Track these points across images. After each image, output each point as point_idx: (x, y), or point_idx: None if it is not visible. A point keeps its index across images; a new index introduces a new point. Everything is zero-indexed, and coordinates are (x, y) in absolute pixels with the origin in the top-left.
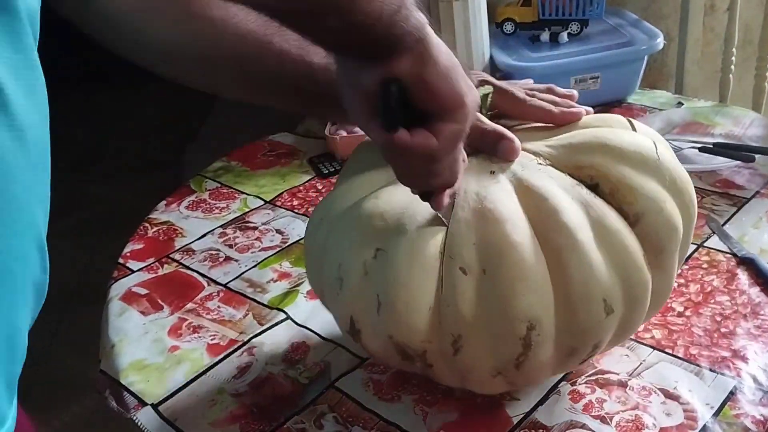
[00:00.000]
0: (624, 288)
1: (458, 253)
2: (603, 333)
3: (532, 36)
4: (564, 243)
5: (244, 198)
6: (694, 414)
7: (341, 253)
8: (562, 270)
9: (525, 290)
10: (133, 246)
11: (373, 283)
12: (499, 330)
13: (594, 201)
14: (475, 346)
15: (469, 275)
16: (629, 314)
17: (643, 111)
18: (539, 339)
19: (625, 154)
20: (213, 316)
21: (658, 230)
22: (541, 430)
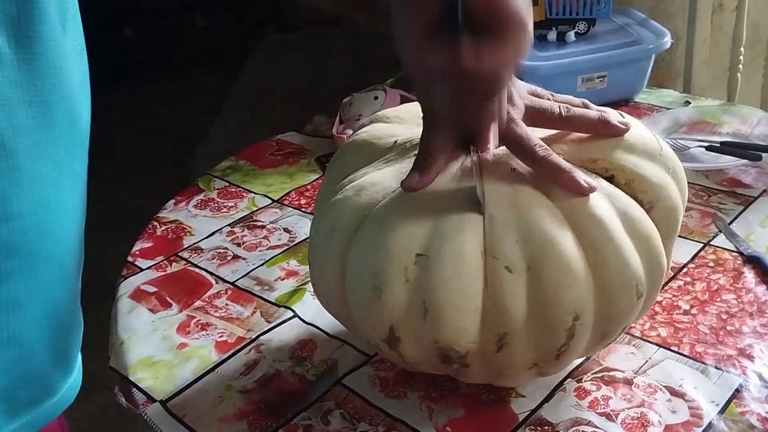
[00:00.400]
0: (649, 272)
1: (501, 252)
2: (633, 316)
3: (539, 35)
4: (599, 235)
5: (252, 197)
6: (699, 411)
7: (375, 263)
8: (599, 261)
9: (571, 284)
10: (142, 244)
11: (417, 289)
12: (546, 324)
13: (615, 192)
14: (520, 341)
15: (514, 273)
16: (650, 296)
17: (651, 110)
18: (582, 328)
19: (633, 146)
20: (221, 314)
21: (669, 215)
22: (547, 427)
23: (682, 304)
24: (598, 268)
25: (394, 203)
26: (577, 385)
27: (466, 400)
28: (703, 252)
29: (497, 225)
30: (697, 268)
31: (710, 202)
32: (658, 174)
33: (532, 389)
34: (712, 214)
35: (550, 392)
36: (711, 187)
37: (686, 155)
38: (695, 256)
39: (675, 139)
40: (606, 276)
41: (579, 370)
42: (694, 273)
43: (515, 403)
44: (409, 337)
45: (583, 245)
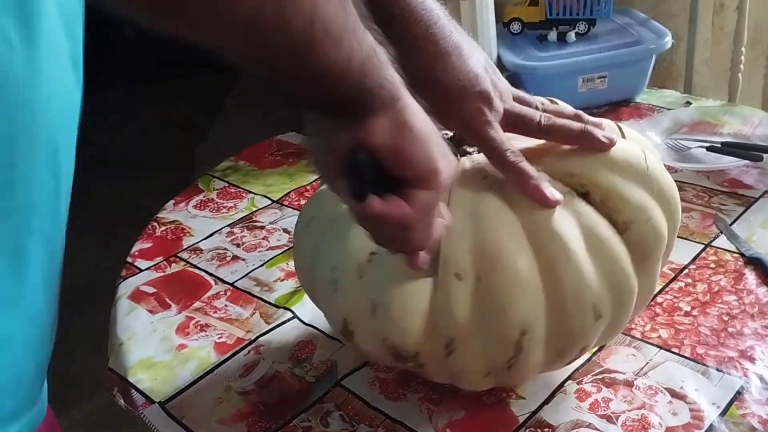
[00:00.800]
0: (612, 294)
1: (453, 258)
2: (591, 336)
3: (540, 35)
4: (557, 252)
5: (251, 197)
6: (700, 413)
7: (336, 256)
8: (554, 278)
9: (519, 297)
10: (141, 245)
11: (368, 287)
12: (492, 335)
13: (585, 209)
14: (468, 349)
15: (463, 281)
16: (616, 317)
17: (651, 110)
18: (531, 343)
19: (615, 163)
20: (220, 315)
21: (646, 238)
22: (547, 429)
23: (683, 305)
24: (553, 285)
25: None
26: (577, 387)
27: (466, 401)
28: (704, 253)
29: (453, 231)
30: (698, 270)
31: (711, 203)
32: (638, 194)
33: (532, 391)
34: (713, 215)
35: (551, 394)
36: (712, 188)
37: (687, 156)
38: (696, 257)
39: (676, 140)
40: (560, 294)
41: (579, 372)
42: (695, 274)
43: (515, 404)
44: (362, 331)
45: (539, 261)
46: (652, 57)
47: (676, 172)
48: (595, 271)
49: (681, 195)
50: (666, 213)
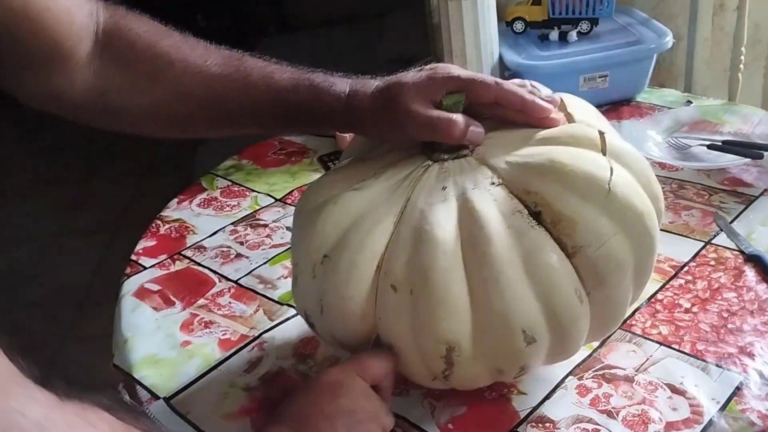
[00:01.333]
0: (550, 320)
1: (392, 269)
2: (526, 359)
3: (541, 35)
4: (488, 275)
5: (254, 196)
6: (700, 409)
7: (298, 253)
8: (483, 300)
9: (444, 315)
10: (146, 243)
11: (318, 287)
12: (423, 347)
13: (530, 231)
14: (408, 356)
15: (398, 293)
16: (559, 342)
17: (652, 109)
18: (460, 359)
19: (573, 183)
20: (224, 312)
21: (597, 263)
22: (548, 424)
23: (683, 302)
24: (481, 306)
25: (334, 201)
26: (578, 382)
27: (468, 397)
28: (704, 251)
29: (397, 242)
30: (698, 267)
31: (711, 201)
32: (594, 218)
33: (533, 387)
34: (713, 213)
35: (552, 389)
36: (712, 186)
37: (688, 154)
38: (696, 254)
39: (676, 138)
40: (487, 316)
41: (580, 367)
42: (695, 271)
43: (517, 400)
44: (318, 324)
45: (471, 280)
46: (653, 56)
47: (677, 170)
48: (529, 296)
49: (682, 193)
50: (630, 237)
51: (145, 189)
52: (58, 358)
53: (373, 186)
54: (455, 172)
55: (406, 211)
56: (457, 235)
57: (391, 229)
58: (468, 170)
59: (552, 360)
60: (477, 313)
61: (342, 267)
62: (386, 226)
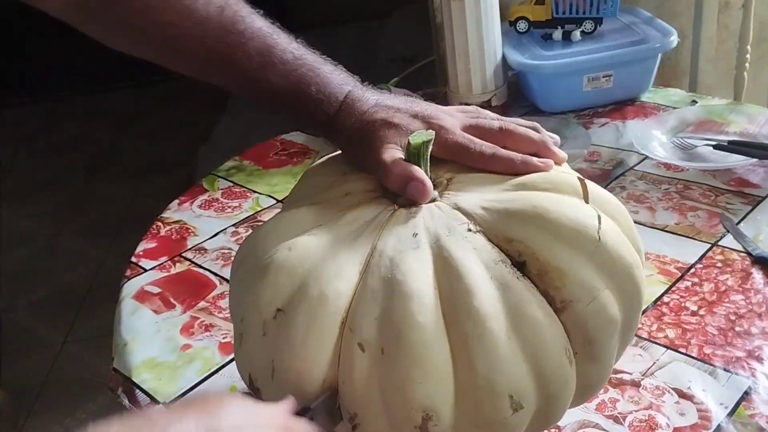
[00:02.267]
0: (539, 383)
1: (359, 326)
2: (510, 428)
3: (545, 34)
4: (471, 331)
5: (256, 197)
6: (708, 414)
7: (245, 307)
8: (466, 359)
9: (422, 377)
10: (146, 245)
11: (270, 346)
12: (394, 416)
13: (515, 283)
14: (373, 425)
15: (367, 352)
16: (546, 409)
17: (657, 109)
18: (437, 429)
19: (560, 232)
20: (225, 315)
21: (587, 320)
22: (554, 430)
23: (689, 305)
24: (463, 368)
25: (288, 248)
26: None
27: None
28: (710, 252)
29: (365, 295)
30: (704, 269)
31: (717, 202)
32: (584, 270)
33: None
34: (720, 214)
35: None
36: (718, 186)
37: (693, 154)
38: (703, 256)
39: (682, 138)
40: (470, 379)
41: None
42: (702, 273)
43: None
44: (266, 390)
45: (452, 338)
46: (658, 56)
47: (683, 170)
48: (516, 356)
49: (687, 194)
50: (619, 292)
51: (146, 190)
52: (59, 359)
53: (332, 230)
54: (425, 218)
55: (372, 259)
56: (434, 287)
57: (356, 280)
58: (439, 216)
59: (532, 429)
60: (459, 375)
61: (300, 322)
62: (350, 275)
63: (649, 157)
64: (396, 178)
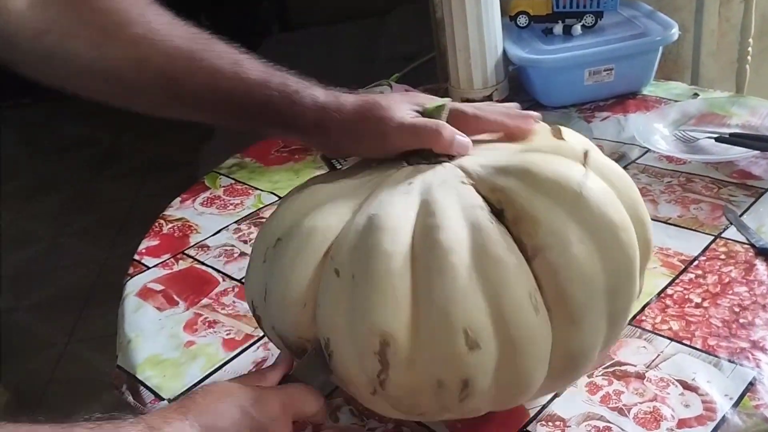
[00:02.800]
0: (497, 324)
1: (338, 253)
2: (468, 368)
3: (545, 29)
4: (432, 263)
5: (258, 194)
6: (713, 405)
7: (257, 239)
8: (425, 290)
9: (382, 302)
10: (149, 242)
11: (266, 272)
12: (358, 340)
13: (487, 226)
14: (344, 353)
15: (340, 278)
16: (510, 358)
17: (659, 102)
18: (395, 358)
19: (540, 182)
20: (228, 311)
21: (559, 270)
22: (558, 423)
23: (693, 297)
24: (422, 299)
25: (304, 187)
26: (588, 380)
27: None
28: (714, 244)
29: (350, 228)
30: (708, 261)
31: (720, 194)
32: (558, 220)
33: None
34: (723, 207)
35: None
36: (721, 179)
37: (695, 147)
38: (706, 248)
39: (684, 131)
40: (427, 310)
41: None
42: (705, 266)
43: None
44: (263, 316)
45: (414, 269)
46: (659, 49)
47: (685, 163)
48: (475, 293)
49: (690, 186)
50: (601, 251)
51: (148, 188)
52: (63, 358)
53: (342, 180)
54: (428, 173)
55: (367, 201)
56: (411, 226)
57: (348, 217)
58: (441, 172)
59: (503, 390)
60: (418, 306)
61: (290, 250)
62: (343, 212)
63: (652, 150)
64: (447, 135)
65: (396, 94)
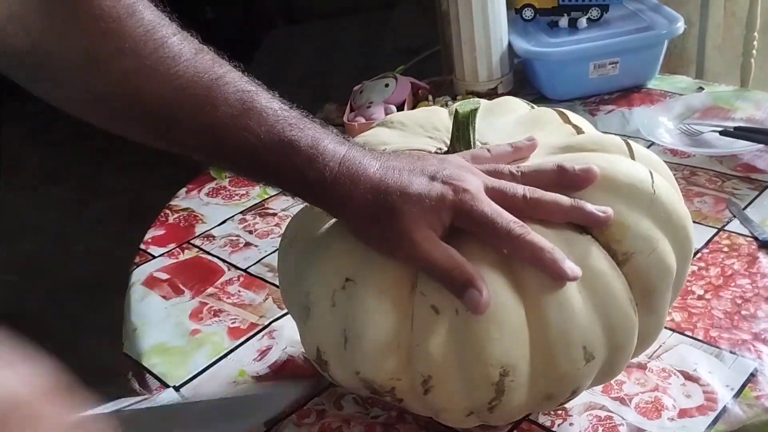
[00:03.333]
0: (607, 334)
1: (430, 289)
2: (582, 379)
3: (551, 21)
4: (542, 285)
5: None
6: (714, 396)
7: (310, 280)
8: (539, 314)
9: (499, 334)
10: (155, 232)
11: (341, 317)
12: (470, 374)
13: (579, 239)
14: (447, 387)
15: (441, 315)
16: (612, 359)
17: (663, 96)
18: (513, 385)
19: (617, 188)
20: (233, 300)
21: (649, 271)
22: (560, 412)
23: (696, 289)
24: (538, 323)
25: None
26: None
27: None
28: (717, 237)
29: None
30: (711, 254)
31: (724, 187)
32: (642, 223)
33: None
34: (726, 200)
35: None
36: (725, 172)
37: (700, 140)
38: (709, 241)
39: (688, 125)
40: (545, 333)
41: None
42: (708, 258)
43: None
44: (336, 362)
45: (522, 296)
46: (664, 43)
47: (689, 156)
48: (586, 308)
49: (694, 180)
50: (674, 243)
51: (154, 179)
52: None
53: None
54: None
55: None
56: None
57: None
58: None
59: (597, 381)
60: (534, 329)
61: (372, 289)
62: None
63: (656, 143)
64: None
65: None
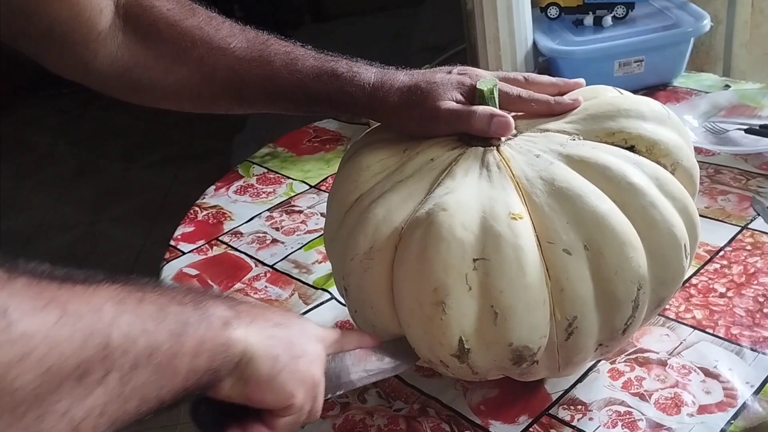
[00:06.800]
0: (689, 231)
1: (556, 235)
2: (682, 278)
3: (576, 20)
4: (642, 201)
5: (290, 183)
6: (734, 392)
7: (432, 277)
8: (648, 227)
9: (631, 254)
10: (184, 229)
11: (483, 295)
12: (613, 299)
13: (641, 160)
14: (590, 323)
15: (573, 255)
16: (692, 255)
17: (689, 94)
18: (644, 297)
19: (644, 114)
20: (260, 296)
21: (689, 174)
22: (580, 407)
23: (717, 287)
24: (649, 234)
25: (442, 208)
26: (610, 366)
27: (501, 379)
28: (740, 235)
29: (543, 210)
30: (734, 251)
31: (749, 185)
32: (673, 137)
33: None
34: (751, 198)
35: (584, 373)
36: (750, 170)
37: (725, 138)
38: (732, 239)
39: (714, 123)
40: (658, 241)
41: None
42: (731, 256)
43: (549, 382)
44: (480, 345)
45: (629, 215)
46: (690, 40)
47: (714, 155)
48: (674, 214)
49: (718, 178)
50: (691, 151)
51: (183, 177)
52: None
53: (459, 181)
54: (527, 148)
55: (522, 187)
56: (591, 182)
57: (523, 208)
58: (538, 139)
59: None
60: (648, 241)
61: (508, 258)
62: (516, 204)
63: None
64: (480, 118)
65: (445, 73)
